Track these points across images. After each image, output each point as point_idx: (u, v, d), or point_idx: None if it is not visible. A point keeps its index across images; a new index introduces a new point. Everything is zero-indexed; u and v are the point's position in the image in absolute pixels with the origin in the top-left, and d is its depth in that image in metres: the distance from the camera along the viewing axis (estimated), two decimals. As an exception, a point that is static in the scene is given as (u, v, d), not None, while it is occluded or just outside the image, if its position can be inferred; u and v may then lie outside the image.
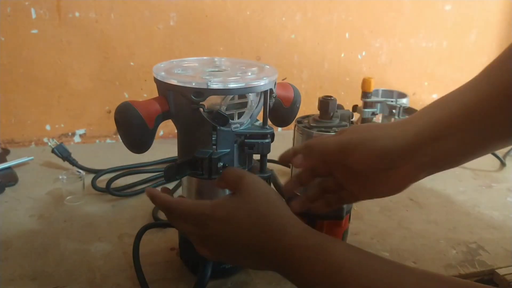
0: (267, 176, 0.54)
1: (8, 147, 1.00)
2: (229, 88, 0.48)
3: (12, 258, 0.61)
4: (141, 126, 0.47)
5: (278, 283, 0.57)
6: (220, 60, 0.59)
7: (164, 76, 0.49)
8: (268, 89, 0.51)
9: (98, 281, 0.57)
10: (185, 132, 0.53)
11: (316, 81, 1.19)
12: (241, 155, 0.53)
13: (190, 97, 0.47)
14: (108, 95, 1.04)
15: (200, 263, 0.54)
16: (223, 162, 0.51)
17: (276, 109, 0.57)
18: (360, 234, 0.69)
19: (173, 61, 0.57)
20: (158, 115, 0.49)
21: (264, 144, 0.52)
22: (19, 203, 0.76)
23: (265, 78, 0.50)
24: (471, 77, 0.42)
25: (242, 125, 0.52)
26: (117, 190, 0.79)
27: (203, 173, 0.51)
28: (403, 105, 0.97)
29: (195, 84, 0.47)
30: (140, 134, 0.47)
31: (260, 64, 0.58)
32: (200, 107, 0.48)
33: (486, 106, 0.38)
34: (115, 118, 0.48)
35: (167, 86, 0.49)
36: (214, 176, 0.51)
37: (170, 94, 0.49)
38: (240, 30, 1.08)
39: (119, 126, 0.48)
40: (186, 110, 0.49)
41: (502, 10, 1.28)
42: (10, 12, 0.92)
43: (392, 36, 1.21)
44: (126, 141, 0.49)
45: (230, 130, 0.51)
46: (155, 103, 0.49)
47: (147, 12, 1.00)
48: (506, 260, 0.64)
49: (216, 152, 0.50)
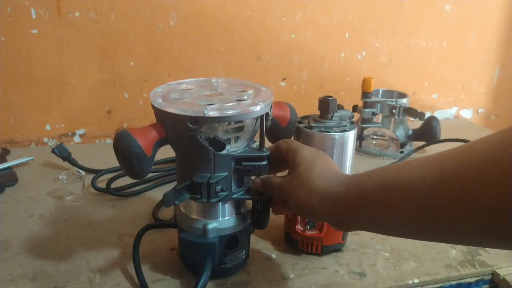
0: (265, 197, 0.55)
1: (8, 147, 1.00)
2: (226, 116, 0.49)
3: (12, 258, 0.61)
4: (139, 155, 0.48)
5: (278, 283, 0.57)
6: (217, 81, 0.60)
7: (161, 103, 0.50)
8: (264, 113, 0.52)
9: (98, 281, 0.57)
10: (183, 157, 0.54)
11: (316, 81, 1.19)
12: (239, 178, 0.54)
13: (187, 125, 0.48)
14: (108, 95, 1.04)
15: (200, 263, 0.54)
16: (221, 186, 0.52)
17: (273, 128, 0.57)
18: (360, 234, 0.69)
19: (171, 84, 0.58)
20: (156, 142, 0.50)
21: (262, 167, 0.52)
22: (19, 203, 0.76)
23: (260, 103, 0.51)
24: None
25: (239, 148, 0.53)
26: (117, 190, 0.79)
27: (201, 197, 0.52)
28: (403, 105, 0.97)
29: (191, 112, 0.48)
30: (139, 162, 0.48)
31: (256, 85, 0.58)
32: (197, 134, 0.49)
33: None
34: (114, 146, 0.49)
35: (164, 113, 0.49)
36: (212, 200, 0.52)
37: (168, 121, 0.50)
38: (240, 30, 1.08)
39: (118, 154, 0.49)
40: (184, 136, 0.49)
41: (502, 10, 1.28)
42: (10, 12, 0.92)
43: (392, 36, 1.21)
44: (125, 169, 0.50)
45: (227, 154, 0.51)
46: (152, 130, 0.50)
47: (147, 12, 1.00)
48: (506, 260, 0.64)
49: (214, 176, 0.51)
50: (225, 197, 0.53)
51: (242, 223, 0.56)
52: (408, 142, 1.01)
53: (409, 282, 0.59)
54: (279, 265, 0.61)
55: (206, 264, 0.54)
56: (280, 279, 0.58)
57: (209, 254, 0.54)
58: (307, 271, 0.60)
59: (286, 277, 0.59)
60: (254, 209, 0.55)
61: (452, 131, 1.10)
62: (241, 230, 0.56)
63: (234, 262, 0.57)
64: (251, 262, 0.61)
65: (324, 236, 0.61)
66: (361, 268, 0.61)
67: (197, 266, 0.54)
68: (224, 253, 0.55)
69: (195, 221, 0.55)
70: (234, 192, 0.54)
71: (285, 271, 0.60)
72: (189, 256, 0.57)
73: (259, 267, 0.61)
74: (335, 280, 0.58)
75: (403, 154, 1.00)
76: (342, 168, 0.59)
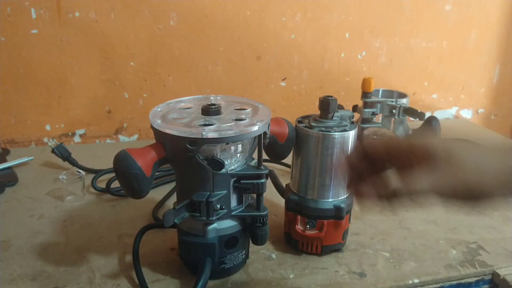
0: (264, 214, 0.55)
1: (8, 147, 1.00)
2: (224, 137, 0.49)
3: (12, 258, 0.61)
4: (139, 176, 0.48)
5: (278, 283, 0.57)
6: (216, 98, 0.61)
7: (160, 124, 0.51)
8: (262, 132, 0.52)
9: (98, 281, 0.57)
10: (182, 176, 0.55)
11: (316, 81, 1.19)
12: (237, 195, 0.55)
13: (185, 146, 0.49)
14: (108, 95, 1.04)
15: (200, 263, 0.54)
16: (220, 204, 0.52)
17: (271, 145, 0.58)
18: (360, 234, 0.69)
19: (170, 103, 0.59)
20: (155, 162, 0.50)
21: (260, 184, 0.53)
22: (19, 203, 0.76)
23: (258, 123, 0.51)
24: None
25: (238, 166, 0.53)
26: (117, 190, 0.79)
27: (200, 215, 0.52)
28: (403, 105, 0.97)
29: (190, 134, 0.49)
30: (138, 183, 0.49)
31: (254, 103, 0.59)
32: (195, 155, 0.49)
33: None
34: (114, 167, 0.49)
35: (163, 134, 0.50)
36: (211, 218, 0.52)
37: (167, 142, 0.51)
38: (240, 30, 1.08)
39: (118, 175, 0.50)
40: (182, 156, 0.50)
41: (502, 10, 1.28)
42: (10, 12, 0.92)
43: (392, 36, 1.21)
44: (125, 189, 0.51)
45: (226, 173, 0.52)
46: (151, 151, 0.51)
47: (147, 12, 1.00)
48: (506, 260, 0.64)
49: (213, 194, 0.52)
50: (224, 214, 0.54)
51: (242, 223, 0.56)
52: (408, 142, 1.01)
53: (409, 282, 0.59)
54: (279, 265, 0.61)
55: (206, 264, 0.54)
56: (280, 279, 0.58)
57: (209, 254, 0.55)
58: (307, 271, 0.60)
59: (286, 277, 0.59)
60: (254, 225, 0.56)
61: (452, 131, 1.11)
62: (241, 230, 0.56)
63: (234, 262, 0.57)
64: (251, 262, 0.61)
65: (324, 236, 0.61)
66: (361, 268, 0.61)
67: (197, 266, 0.54)
68: (223, 253, 0.56)
69: (195, 222, 0.55)
70: (233, 209, 0.55)
71: (285, 271, 0.60)
72: (189, 256, 0.57)
73: (259, 267, 0.61)
74: (335, 280, 0.58)
75: (403, 154, 0.99)
76: (342, 168, 0.59)
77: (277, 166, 0.91)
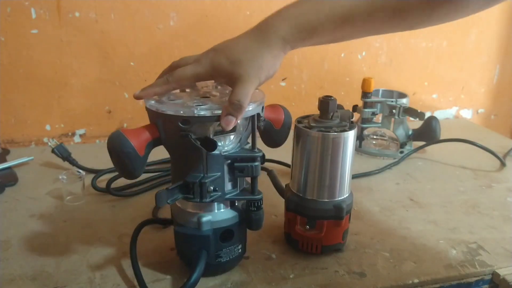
0: (259, 198, 0.55)
1: (8, 147, 1.00)
2: (216, 115, 0.49)
3: (12, 258, 0.61)
4: (132, 154, 0.48)
5: (278, 283, 0.57)
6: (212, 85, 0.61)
7: (153, 104, 0.51)
8: (255, 114, 0.52)
9: (98, 281, 0.57)
10: (176, 158, 0.54)
11: (316, 81, 1.19)
12: (231, 178, 0.54)
13: (178, 125, 0.49)
14: (108, 95, 1.04)
15: (195, 256, 0.54)
16: (213, 186, 0.52)
17: (267, 131, 0.58)
18: (360, 234, 0.69)
19: None
20: (148, 143, 0.51)
21: (254, 167, 0.53)
22: (19, 203, 0.76)
23: (251, 103, 0.51)
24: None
25: (232, 148, 0.53)
26: (117, 190, 0.79)
27: (194, 197, 0.52)
28: (403, 105, 0.97)
29: (182, 112, 0.49)
30: (131, 162, 0.49)
31: None
32: (188, 134, 0.49)
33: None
34: (107, 147, 0.50)
35: (156, 114, 0.50)
36: (205, 200, 0.52)
37: (160, 122, 0.51)
38: (240, 30, 1.07)
39: (111, 155, 0.50)
40: (176, 137, 0.50)
41: (502, 10, 1.28)
42: (10, 12, 0.92)
43: (392, 36, 1.21)
44: (118, 169, 0.51)
45: (219, 154, 0.52)
46: (145, 131, 0.51)
47: (147, 12, 1.00)
48: (506, 260, 0.64)
49: (206, 176, 0.52)
50: (218, 197, 0.54)
51: (237, 216, 0.56)
52: (408, 142, 1.01)
53: (409, 282, 0.59)
54: (279, 265, 0.61)
55: (201, 256, 0.54)
56: (280, 279, 0.58)
57: (204, 247, 0.55)
58: (307, 271, 0.60)
59: (286, 277, 0.59)
60: (248, 210, 0.56)
61: (452, 131, 1.11)
62: (236, 223, 0.56)
63: (230, 256, 0.57)
64: (251, 262, 0.61)
65: (324, 236, 0.61)
66: (361, 268, 0.61)
67: (192, 259, 0.54)
68: (219, 246, 0.56)
69: (190, 214, 0.55)
70: (228, 193, 0.54)
71: (285, 271, 0.60)
72: (184, 250, 0.58)
73: (259, 267, 0.61)
74: (335, 280, 0.58)
75: (403, 154, 1.00)
76: (342, 168, 0.59)
77: (277, 166, 0.91)
